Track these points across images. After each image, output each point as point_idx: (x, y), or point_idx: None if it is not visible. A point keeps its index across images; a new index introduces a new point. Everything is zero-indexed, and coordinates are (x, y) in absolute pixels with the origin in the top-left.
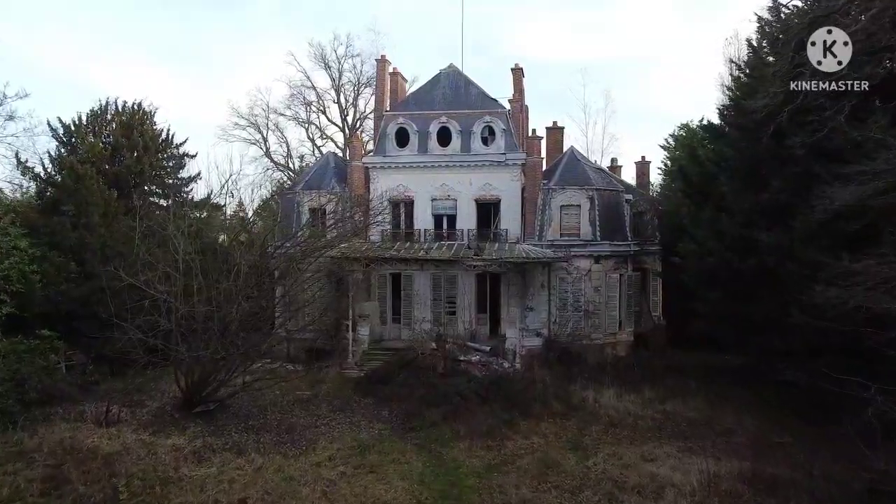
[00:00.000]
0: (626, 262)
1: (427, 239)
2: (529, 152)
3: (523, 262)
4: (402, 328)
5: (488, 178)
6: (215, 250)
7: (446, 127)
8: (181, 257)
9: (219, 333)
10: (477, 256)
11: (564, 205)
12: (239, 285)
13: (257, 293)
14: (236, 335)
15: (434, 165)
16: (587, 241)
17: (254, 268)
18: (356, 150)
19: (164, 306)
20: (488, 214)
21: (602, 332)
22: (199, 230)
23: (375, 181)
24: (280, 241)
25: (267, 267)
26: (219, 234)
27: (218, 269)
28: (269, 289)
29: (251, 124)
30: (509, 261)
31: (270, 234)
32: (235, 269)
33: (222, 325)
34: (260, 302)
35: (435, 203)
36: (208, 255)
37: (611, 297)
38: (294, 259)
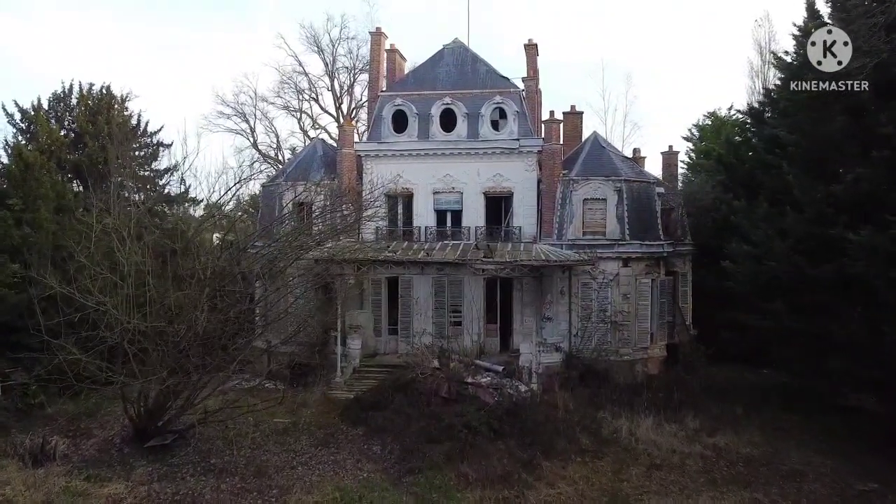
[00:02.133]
0: (658, 265)
1: (428, 238)
2: (547, 138)
3: (542, 266)
4: (399, 341)
5: (499, 168)
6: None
7: (450, 109)
8: (127, 260)
9: (174, 352)
10: (487, 259)
11: (588, 198)
12: (194, 294)
13: (225, 302)
14: (199, 353)
15: (436, 153)
16: (614, 240)
17: (219, 273)
18: (347, 135)
19: (106, 319)
20: (499, 210)
21: (631, 347)
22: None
23: (369, 171)
24: (255, 240)
25: (235, 271)
26: (196, 233)
27: (174, 274)
28: (242, 296)
29: (237, 112)
30: (525, 264)
31: (241, 233)
32: (196, 276)
33: (178, 342)
34: (229, 312)
35: (437, 197)
36: (169, 258)
37: (641, 306)
38: (272, 261)
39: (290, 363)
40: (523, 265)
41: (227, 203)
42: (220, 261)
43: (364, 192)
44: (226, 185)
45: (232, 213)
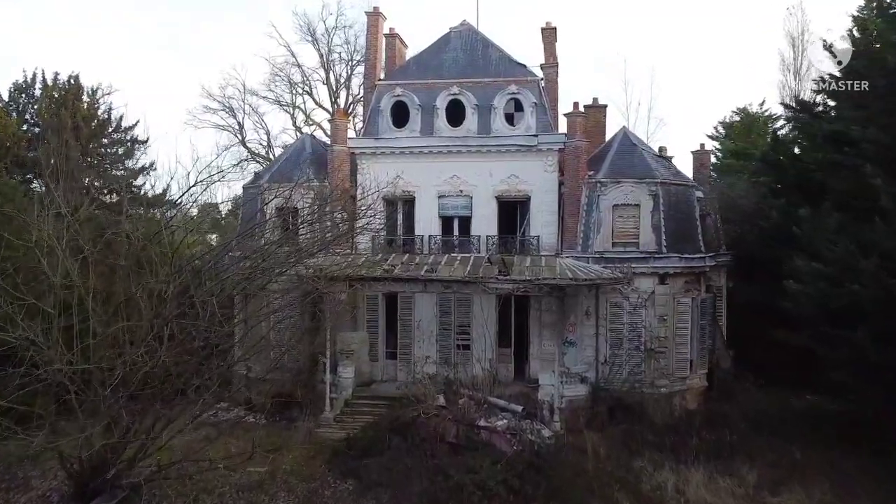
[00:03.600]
0: (698, 282)
1: (433, 249)
2: (570, 133)
3: (568, 285)
4: (398, 367)
5: (514, 168)
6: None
7: (458, 100)
8: (58, 281)
9: (118, 397)
10: (503, 276)
11: (618, 204)
12: (145, 324)
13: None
14: (152, 397)
15: (442, 151)
16: (649, 253)
17: (177, 295)
18: (339, 130)
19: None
20: (513, 216)
21: (668, 377)
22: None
23: (365, 172)
24: (228, 252)
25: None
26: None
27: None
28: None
29: (224, 107)
30: (548, 283)
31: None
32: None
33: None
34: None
35: (443, 201)
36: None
37: (680, 330)
38: (249, 277)
39: (275, 392)
40: (546, 284)
41: (189, 207)
42: (179, 281)
43: (358, 195)
44: (204, 185)
45: (196, 219)
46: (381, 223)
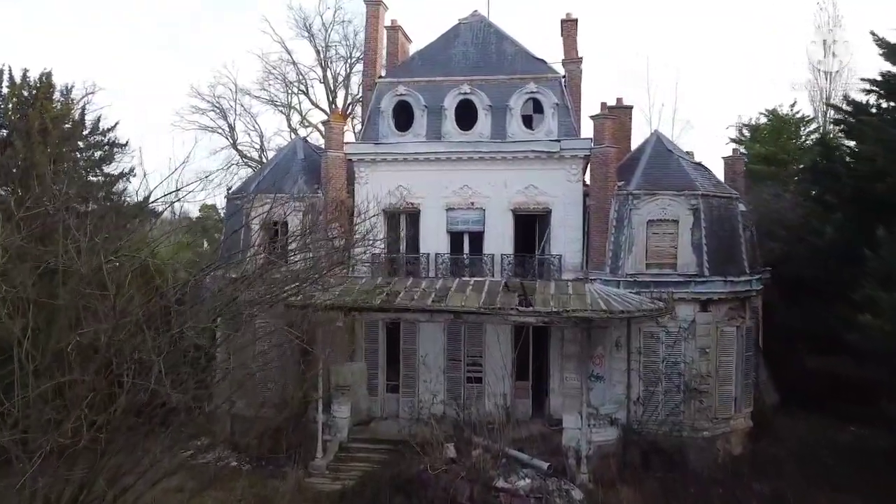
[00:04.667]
0: (743, 308)
1: (440, 269)
2: (596, 138)
3: (604, 318)
4: (400, 402)
5: (533, 178)
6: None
7: (469, 100)
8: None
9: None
10: (525, 307)
11: (654, 220)
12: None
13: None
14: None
15: (451, 158)
16: (689, 276)
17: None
18: (335, 134)
19: None
20: (532, 232)
21: (710, 419)
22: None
23: (363, 181)
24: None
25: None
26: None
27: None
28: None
29: (214, 107)
30: (580, 316)
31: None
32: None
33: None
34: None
35: (452, 214)
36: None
37: (724, 364)
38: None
39: (262, 431)
40: (577, 317)
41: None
42: (125, 330)
43: (356, 208)
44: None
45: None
46: (380, 239)
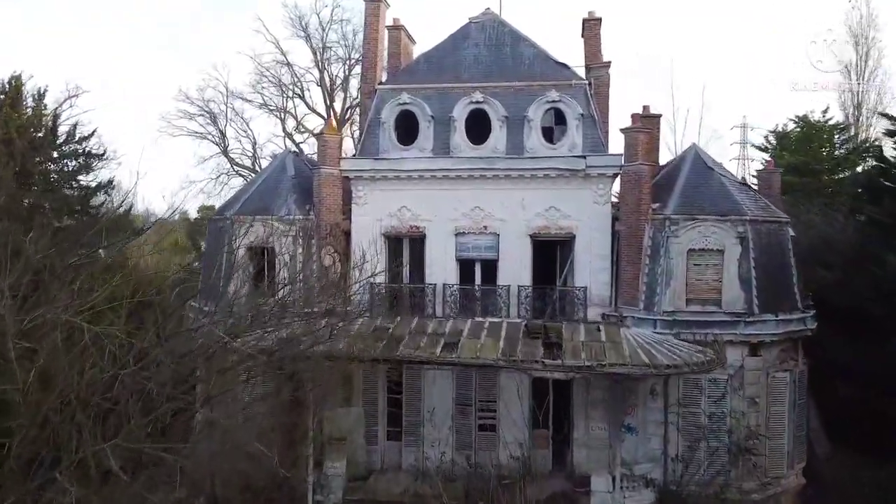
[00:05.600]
0: (795, 349)
1: (448, 301)
2: (628, 154)
3: (648, 375)
4: (403, 452)
5: (555, 199)
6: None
7: (482, 110)
8: None
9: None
10: (551, 361)
11: (696, 249)
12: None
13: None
14: None
15: (461, 176)
16: (737, 314)
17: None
18: (329, 148)
19: None
20: (552, 261)
21: (759, 479)
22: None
23: (362, 201)
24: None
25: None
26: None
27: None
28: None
29: (203, 112)
30: (618, 372)
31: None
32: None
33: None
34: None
35: (462, 240)
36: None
37: (775, 414)
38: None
39: (245, 484)
40: (615, 373)
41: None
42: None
43: (353, 233)
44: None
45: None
46: (382, 272)
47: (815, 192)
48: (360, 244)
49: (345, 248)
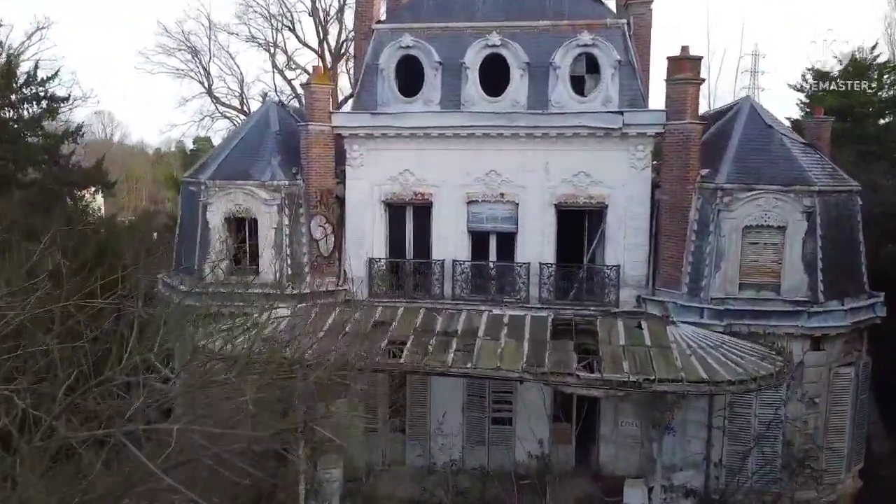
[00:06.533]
0: (861, 339)
1: (458, 281)
2: (675, 110)
3: (710, 394)
4: (407, 445)
5: (584, 162)
6: None
7: (499, 55)
8: None
9: None
10: (588, 374)
11: (753, 226)
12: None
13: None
14: None
15: (474, 134)
16: (799, 302)
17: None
18: (318, 100)
19: None
20: (579, 235)
21: (816, 487)
22: None
23: (357, 163)
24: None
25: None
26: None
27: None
28: None
29: (184, 46)
30: (668, 390)
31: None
32: None
33: None
34: None
35: (475, 209)
36: None
37: (836, 414)
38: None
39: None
40: (666, 391)
41: None
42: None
43: (348, 200)
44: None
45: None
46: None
47: (858, 139)
48: (356, 213)
49: (338, 218)
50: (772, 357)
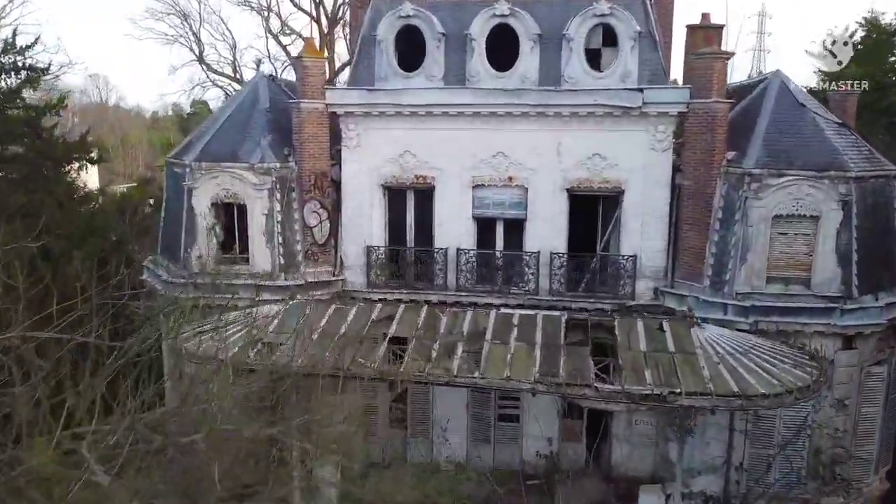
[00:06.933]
0: (894, 336)
1: (462, 271)
2: (700, 87)
3: (734, 408)
4: (409, 442)
5: (600, 143)
6: None
7: (508, 26)
8: None
9: None
10: (609, 386)
11: (783, 215)
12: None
13: None
14: None
15: (480, 112)
16: (831, 298)
17: None
18: (311, 75)
19: None
20: (592, 221)
21: (844, 494)
22: None
23: (353, 143)
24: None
25: None
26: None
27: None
28: None
29: (174, 10)
30: (697, 405)
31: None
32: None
33: None
34: None
35: (481, 194)
36: None
37: (866, 416)
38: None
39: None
40: (694, 406)
41: None
42: None
43: (344, 184)
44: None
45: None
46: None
47: (882, 112)
48: (353, 198)
49: (334, 203)
50: (805, 363)
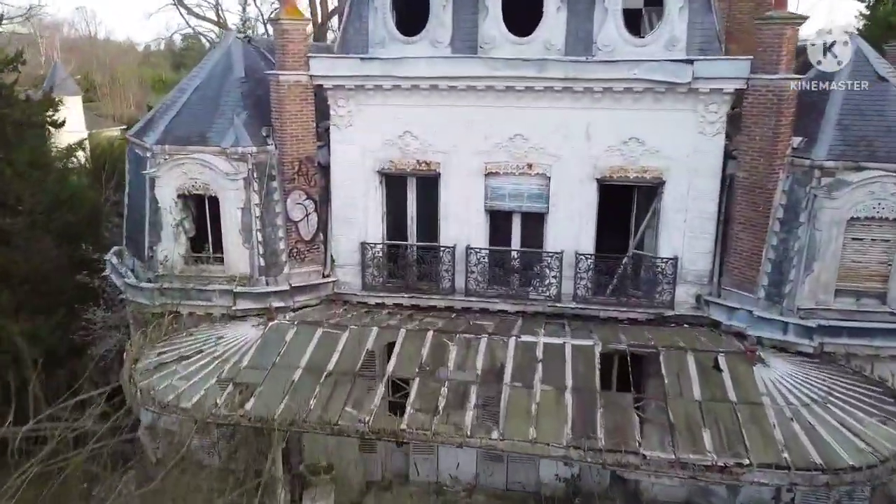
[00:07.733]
0: None
1: (472, 273)
2: (764, 60)
3: (817, 485)
4: (412, 459)
5: (638, 126)
6: None
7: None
8: None
9: None
10: (658, 454)
11: (860, 217)
12: None
13: None
14: None
15: (494, 86)
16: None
17: None
18: (292, 41)
19: None
20: (624, 216)
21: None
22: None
23: (344, 122)
24: None
25: None
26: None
27: None
28: None
29: None
30: (769, 484)
31: None
32: None
33: None
34: None
35: (495, 183)
36: None
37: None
38: None
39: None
40: (764, 483)
41: None
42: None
43: (333, 169)
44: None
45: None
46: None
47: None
48: (344, 187)
49: (322, 193)
50: (892, 408)
